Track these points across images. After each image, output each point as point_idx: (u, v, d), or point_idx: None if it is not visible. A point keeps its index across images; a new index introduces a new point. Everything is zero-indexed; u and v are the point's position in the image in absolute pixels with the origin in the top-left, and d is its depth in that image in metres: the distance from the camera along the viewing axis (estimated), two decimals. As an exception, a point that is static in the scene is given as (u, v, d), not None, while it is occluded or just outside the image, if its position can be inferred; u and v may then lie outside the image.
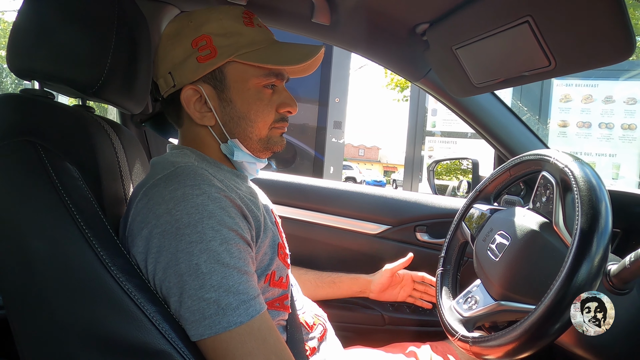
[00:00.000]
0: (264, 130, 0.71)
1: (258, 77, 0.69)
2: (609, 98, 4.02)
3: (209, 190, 0.59)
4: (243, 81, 0.69)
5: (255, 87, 0.69)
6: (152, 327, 0.52)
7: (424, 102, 4.93)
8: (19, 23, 0.60)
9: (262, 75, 0.69)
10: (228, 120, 0.70)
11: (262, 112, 0.70)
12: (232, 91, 0.69)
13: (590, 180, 0.65)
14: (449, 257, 0.99)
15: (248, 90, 0.69)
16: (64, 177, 0.55)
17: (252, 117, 0.70)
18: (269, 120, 0.71)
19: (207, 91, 0.68)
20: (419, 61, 1.17)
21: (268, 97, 0.70)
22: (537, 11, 0.70)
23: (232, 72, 0.68)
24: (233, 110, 0.69)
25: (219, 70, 0.68)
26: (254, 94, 0.69)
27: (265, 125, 0.71)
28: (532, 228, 0.76)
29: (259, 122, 0.70)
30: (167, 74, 0.69)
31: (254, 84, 0.69)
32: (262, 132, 0.71)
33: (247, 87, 0.69)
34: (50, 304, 0.51)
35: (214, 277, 0.54)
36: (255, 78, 0.69)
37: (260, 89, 0.69)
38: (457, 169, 4.39)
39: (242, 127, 0.70)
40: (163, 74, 0.70)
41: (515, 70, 0.86)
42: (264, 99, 0.70)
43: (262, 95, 0.70)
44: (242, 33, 0.68)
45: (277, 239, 0.71)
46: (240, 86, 0.69)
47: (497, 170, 0.93)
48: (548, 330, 0.60)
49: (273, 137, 0.73)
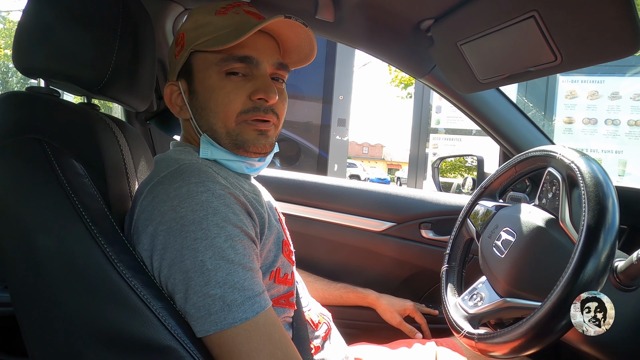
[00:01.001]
0: (229, 122, 0.66)
1: (218, 63, 0.66)
2: (615, 94, 3.99)
3: (213, 187, 0.59)
4: (204, 70, 0.67)
5: (217, 74, 0.66)
6: (158, 323, 0.52)
7: (428, 99, 4.91)
8: (25, 22, 0.61)
9: (221, 61, 0.66)
10: (195, 112, 0.69)
11: (223, 100, 0.66)
12: (196, 82, 0.68)
13: (597, 176, 0.64)
14: (454, 254, 0.98)
15: (209, 78, 0.67)
16: (70, 174, 0.55)
17: (212, 107, 0.66)
18: (233, 110, 0.66)
19: (183, 86, 0.70)
20: (423, 57, 1.17)
21: (232, 85, 0.66)
22: (543, 6, 0.70)
23: (196, 63, 0.68)
24: (197, 101, 0.68)
25: (188, 62, 0.69)
26: (215, 82, 0.66)
27: (228, 116, 0.66)
28: (538, 224, 0.75)
29: (220, 113, 0.66)
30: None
31: (214, 71, 0.66)
32: (227, 125, 0.66)
33: (208, 76, 0.67)
34: (57, 301, 0.52)
35: (219, 273, 0.54)
36: (216, 65, 0.66)
37: (222, 77, 0.66)
38: (461, 166, 4.39)
39: (205, 119, 0.68)
40: None
41: (521, 66, 0.85)
42: (225, 87, 0.66)
43: (223, 83, 0.66)
44: (210, 23, 0.67)
45: (282, 236, 0.71)
46: (202, 75, 0.67)
47: (503, 167, 0.93)
48: (554, 327, 0.59)
49: (243, 133, 0.67)
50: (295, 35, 0.70)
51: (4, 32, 15.07)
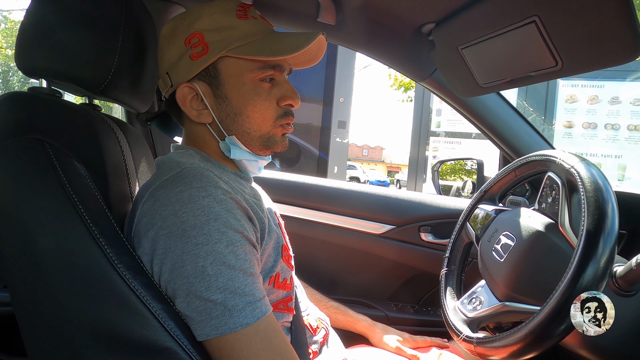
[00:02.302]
0: (265, 126, 0.68)
1: (253, 70, 0.66)
2: (615, 99, 4.00)
3: (215, 192, 0.59)
4: (238, 76, 0.66)
5: (251, 81, 0.67)
6: (158, 325, 0.52)
7: (428, 103, 4.92)
8: (27, 22, 0.61)
9: (257, 69, 0.66)
10: (224, 117, 0.68)
11: (260, 107, 0.67)
12: (227, 87, 0.67)
13: (596, 181, 0.64)
14: (454, 257, 0.98)
15: (244, 85, 0.66)
16: (71, 175, 0.55)
17: (249, 113, 0.67)
18: (269, 116, 0.68)
19: (203, 88, 0.67)
20: (424, 61, 1.17)
21: (266, 91, 0.68)
22: (544, 11, 0.70)
23: (226, 68, 0.66)
24: (229, 107, 0.67)
25: (213, 66, 0.66)
26: (250, 88, 0.67)
27: (266, 121, 0.68)
28: (537, 229, 0.76)
29: (257, 118, 0.68)
30: (165, 74, 0.69)
31: (249, 78, 0.66)
32: (262, 129, 0.68)
33: (242, 82, 0.66)
34: (57, 301, 0.52)
35: (220, 279, 0.54)
36: (250, 72, 0.66)
37: (257, 83, 0.67)
38: (461, 170, 4.37)
39: (239, 124, 0.68)
40: (162, 74, 0.69)
41: (522, 71, 0.85)
42: (261, 94, 0.67)
43: (259, 90, 0.67)
44: (234, 26, 0.66)
45: (281, 241, 0.71)
46: (235, 81, 0.66)
47: (503, 171, 0.93)
48: (553, 331, 0.59)
49: (275, 135, 0.70)
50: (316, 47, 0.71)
51: (5, 32, 15.08)
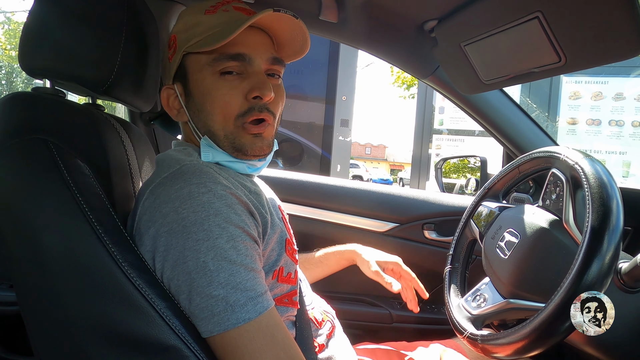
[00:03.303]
0: (228, 124, 0.66)
1: (210, 63, 0.65)
2: (619, 95, 3.98)
3: (214, 187, 0.59)
4: (198, 71, 0.66)
5: (211, 75, 0.65)
6: (163, 323, 0.52)
7: (431, 100, 4.91)
8: (30, 22, 0.61)
9: (213, 61, 0.65)
10: (192, 115, 0.69)
11: (219, 101, 0.65)
12: (191, 84, 0.67)
13: (601, 177, 0.64)
14: (458, 254, 0.98)
15: (204, 80, 0.66)
16: (75, 174, 0.55)
17: (209, 109, 0.66)
18: (230, 112, 0.65)
19: (179, 88, 0.70)
20: (427, 58, 1.17)
21: (228, 85, 0.65)
22: (547, 6, 0.69)
23: (190, 65, 0.67)
24: (193, 104, 0.68)
25: (182, 65, 0.68)
26: (210, 83, 0.65)
27: (227, 118, 0.65)
28: (541, 225, 0.75)
29: (217, 115, 0.65)
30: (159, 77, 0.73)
31: (208, 72, 0.65)
32: (226, 127, 0.66)
33: (202, 77, 0.66)
34: (63, 300, 0.52)
35: (222, 274, 0.54)
36: (209, 66, 0.65)
37: (217, 77, 0.65)
38: (464, 167, 4.38)
39: (202, 122, 0.67)
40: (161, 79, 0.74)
41: (525, 67, 0.85)
42: (221, 88, 0.65)
43: (219, 84, 0.65)
44: (199, 23, 0.66)
45: (285, 235, 0.71)
46: (196, 77, 0.66)
47: (506, 168, 0.93)
48: (558, 328, 0.59)
49: (240, 137, 0.66)
50: (288, 28, 0.68)
51: (9, 33, 15.14)
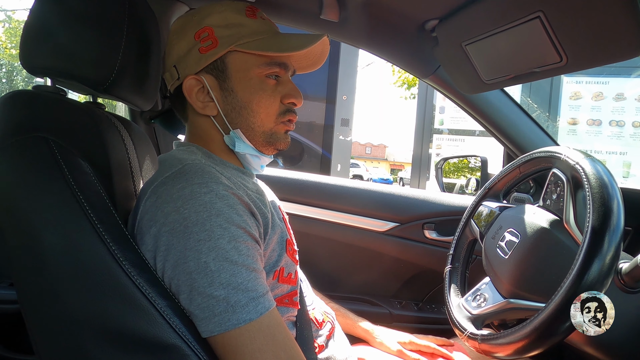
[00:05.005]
0: (268, 122, 0.70)
1: (260, 66, 0.68)
2: (620, 95, 3.97)
3: (216, 188, 0.59)
4: (244, 70, 0.68)
5: (258, 76, 0.69)
6: (163, 322, 0.52)
7: (431, 100, 4.92)
8: (31, 21, 0.61)
9: (263, 65, 0.68)
10: (230, 110, 0.70)
11: (265, 102, 0.69)
12: (233, 81, 0.69)
13: (602, 177, 0.64)
14: (458, 254, 0.98)
15: (250, 79, 0.69)
16: (76, 173, 0.55)
17: (254, 107, 0.69)
18: (273, 111, 0.70)
19: (209, 81, 0.69)
20: (427, 58, 1.17)
21: (271, 88, 0.69)
22: (548, 6, 0.69)
23: (234, 62, 0.68)
24: (235, 100, 0.69)
25: (221, 60, 0.68)
26: (256, 83, 0.69)
27: (269, 117, 0.70)
28: (542, 225, 0.75)
29: (261, 113, 0.69)
30: (172, 67, 0.71)
31: (255, 73, 0.68)
32: (265, 124, 0.70)
33: (248, 77, 0.69)
34: (63, 298, 0.52)
35: (223, 274, 0.54)
36: (257, 67, 0.68)
37: (263, 79, 0.69)
38: (465, 167, 4.37)
39: (243, 117, 0.70)
40: (169, 67, 0.72)
41: (526, 67, 0.85)
42: (266, 89, 0.69)
43: (264, 85, 0.69)
44: (243, 24, 0.68)
45: (286, 235, 0.71)
46: (241, 75, 0.69)
47: (507, 168, 0.93)
48: (558, 328, 0.59)
49: (277, 132, 0.71)
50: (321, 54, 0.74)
51: (10, 32, 15.14)
